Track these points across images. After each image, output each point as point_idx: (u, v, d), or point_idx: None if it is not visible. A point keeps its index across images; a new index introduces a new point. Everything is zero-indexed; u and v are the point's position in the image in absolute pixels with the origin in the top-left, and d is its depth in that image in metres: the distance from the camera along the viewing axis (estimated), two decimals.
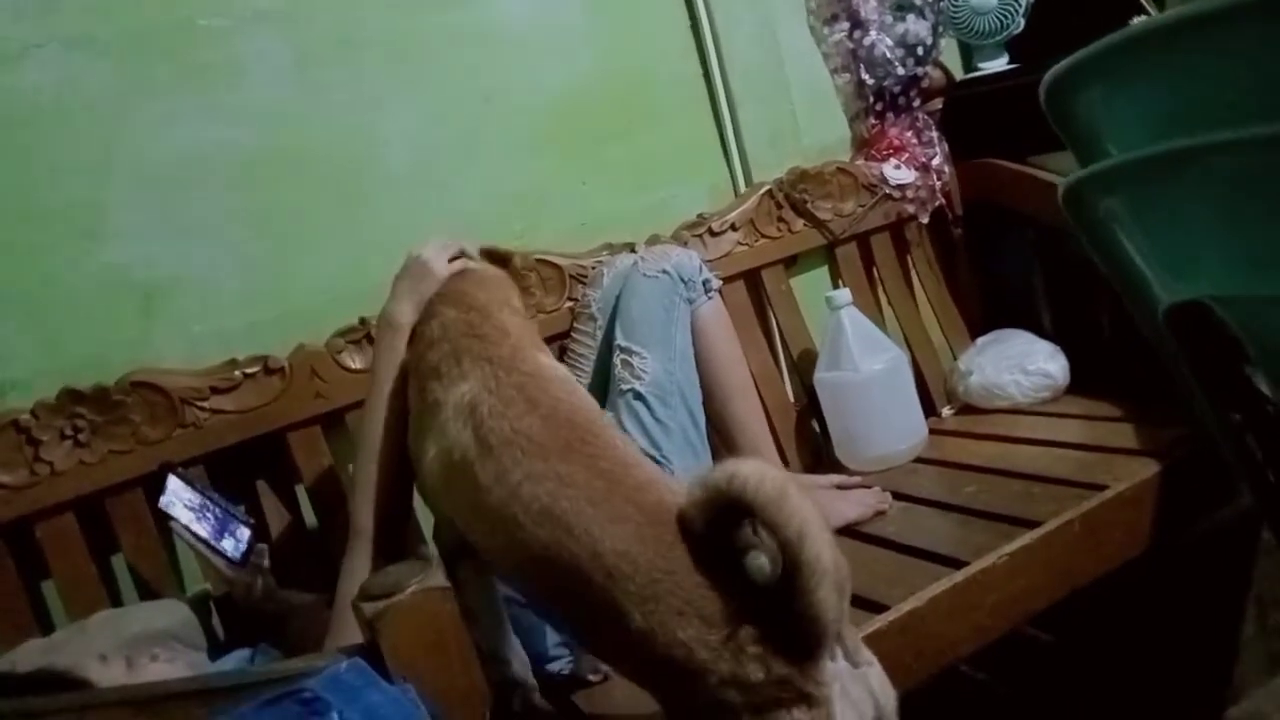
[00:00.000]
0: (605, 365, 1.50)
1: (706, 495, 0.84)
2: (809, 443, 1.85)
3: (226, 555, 1.25)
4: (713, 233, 1.82)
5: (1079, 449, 1.58)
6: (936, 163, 1.99)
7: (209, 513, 1.27)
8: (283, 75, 1.55)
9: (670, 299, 1.50)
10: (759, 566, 0.80)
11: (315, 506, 1.50)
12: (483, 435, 0.98)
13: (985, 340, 1.95)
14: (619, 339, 1.48)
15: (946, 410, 1.95)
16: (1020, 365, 1.84)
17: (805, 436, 1.86)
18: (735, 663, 0.82)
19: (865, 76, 1.98)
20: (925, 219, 2.00)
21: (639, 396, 1.42)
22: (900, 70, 1.95)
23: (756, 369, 1.74)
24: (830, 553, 0.79)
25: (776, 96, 1.96)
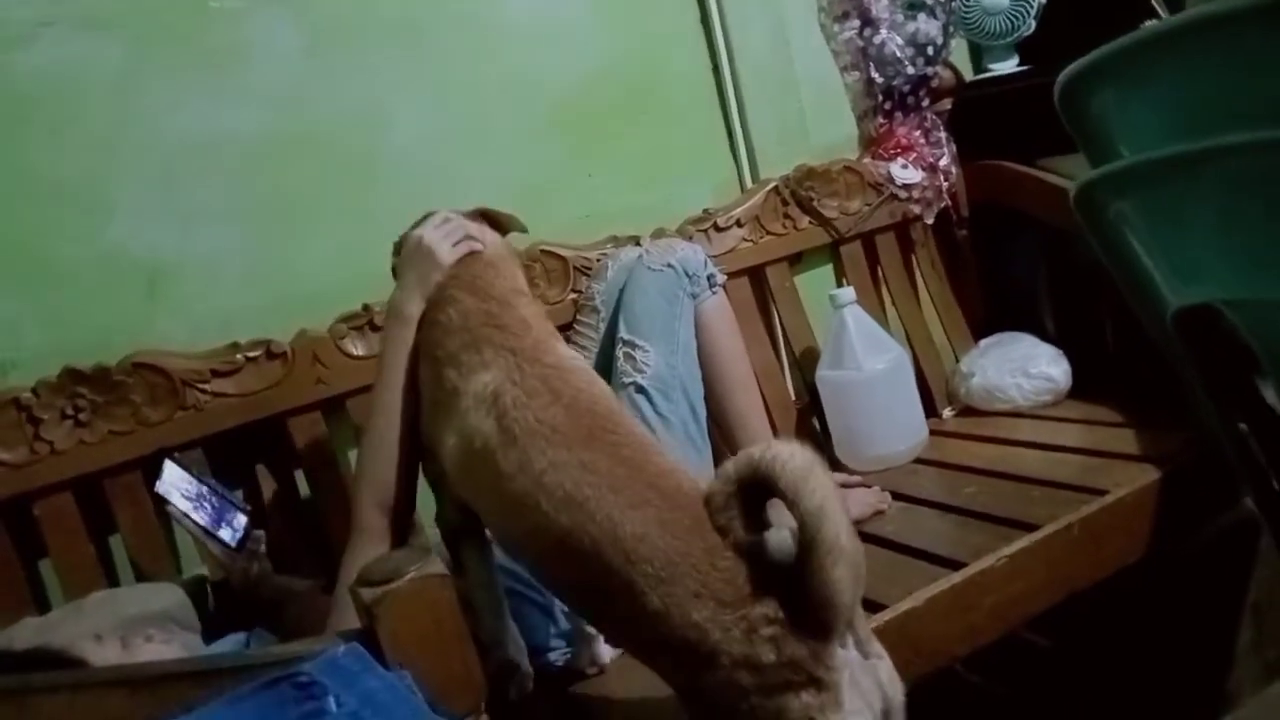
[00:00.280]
0: (607, 358, 1.50)
1: (737, 470, 0.85)
2: (809, 441, 1.83)
3: (224, 542, 1.25)
4: (718, 228, 1.82)
5: (1080, 453, 1.58)
6: (944, 163, 1.98)
7: (206, 501, 1.27)
8: (292, 59, 1.55)
9: (674, 293, 1.49)
10: (781, 539, 0.82)
11: (314, 492, 1.50)
12: (506, 425, 0.99)
13: (988, 342, 1.95)
14: (622, 332, 1.48)
15: (947, 411, 1.95)
16: (1023, 368, 1.84)
17: (805, 434, 1.86)
18: (748, 644, 0.83)
19: (875, 75, 1.98)
20: (931, 219, 2.00)
21: (641, 390, 1.42)
22: (910, 69, 1.95)
23: (758, 365, 1.73)
24: (849, 535, 0.80)
25: (785, 93, 1.96)
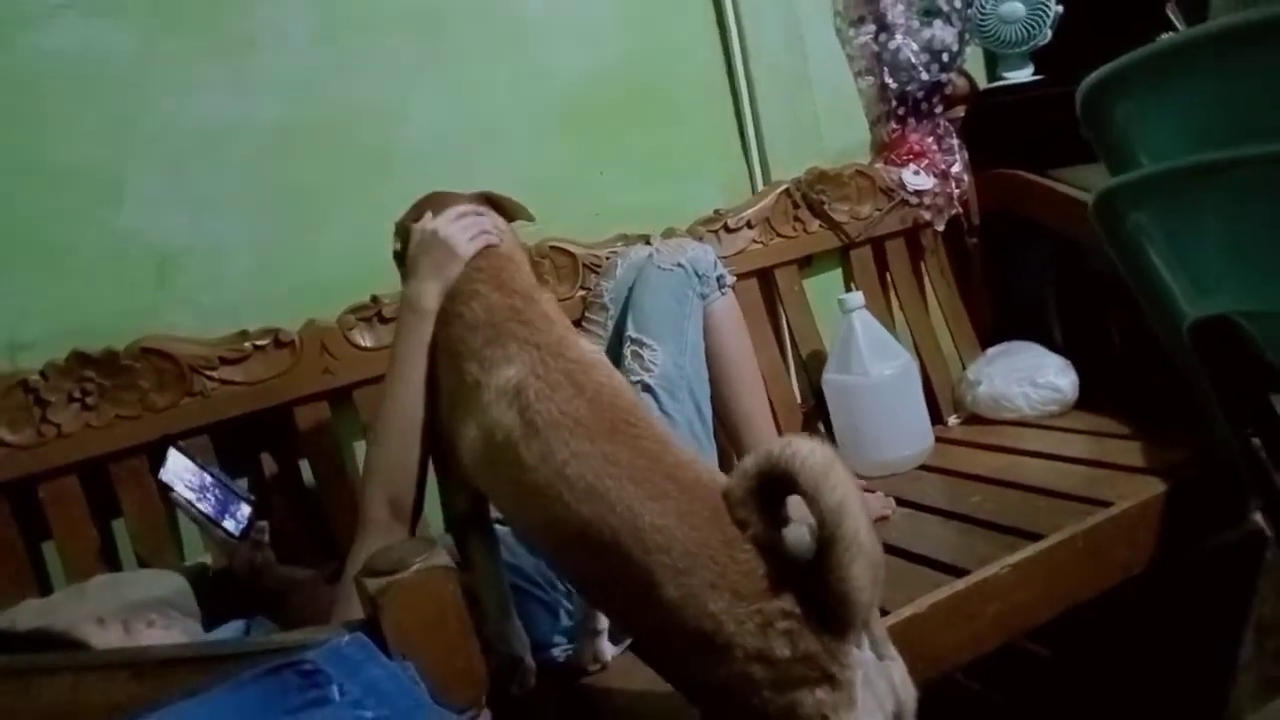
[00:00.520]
0: (615, 356, 1.49)
1: (758, 465, 0.86)
2: None
3: (228, 531, 1.26)
4: (728, 229, 1.82)
5: (1085, 464, 1.58)
6: (956, 170, 1.98)
7: (210, 491, 1.27)
8: (306, 48, 1.55)
9: (683, 293, 1.49)
10: (799, 537, 0.83)
11: (318, 481, 1.50)
12: (529, 417, 1.00)
13: (995, 351, 1.94)
14: (630, 330, 1.48)
15: (953, 419, 1.95)
16: (1030, 378, 1.83)
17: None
18: (762, 637, 0.83)
19: (889, 80, 1.97)
20: (941, 226, 2.00)
21: (647, 389, 1.42)
22: (924, 76, 1.95)
23: (765, 368, 1.73)
24: (868, 532, 0.80)
25: (799, 96, 1.96)
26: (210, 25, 1.49)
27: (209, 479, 1.28)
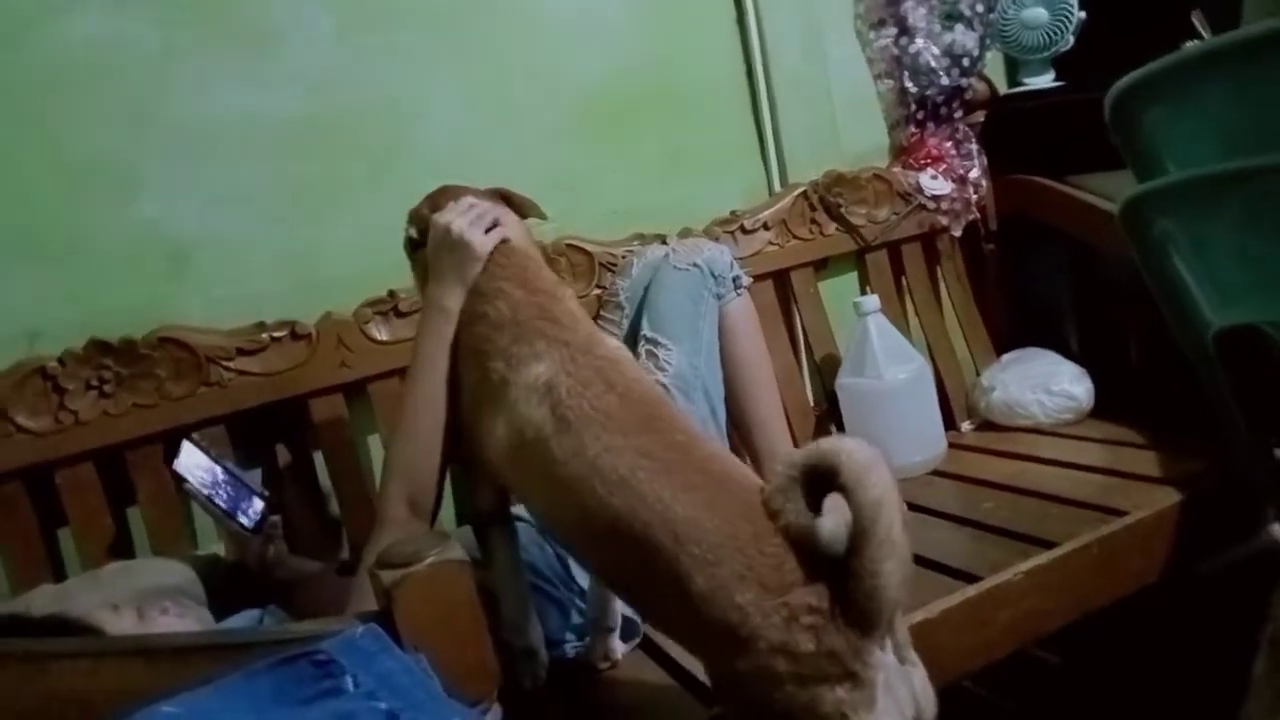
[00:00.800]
0: None
1: (805, 456, 0.87)
2: None
3: (241, 524, 1.26)
4: (745, 230, 1.82)
5: (1100, 473, 1.57)
6: (974, 175, 1.98)
7: (224, 487, 1.27)
8: (324, 43, 1.56)
9: (699, 293, 1.49)
10: (834, 527, 0.83)
11: (331, 474, 1.51)
12: (560, 413, 1.01)
13: (1010, 357, 1.94)
14: (645, 329, 1.48)
15: (966, 425, 1.94)
16: (1044, 385, 1.83)
17: None
18: (787, 631, 0.84)
19: (909, 84, 1.97)
20: (958, 231, 1.99)
21: (662, 388, 1.42)
22: (944, 80, 1.94)
23: (778, 370, 1.73)
24: (902, 532, 0.81)
25: (818, 98, 1.95)
26: (229, 20, 1.50)
27: (221, 473, 1.28)
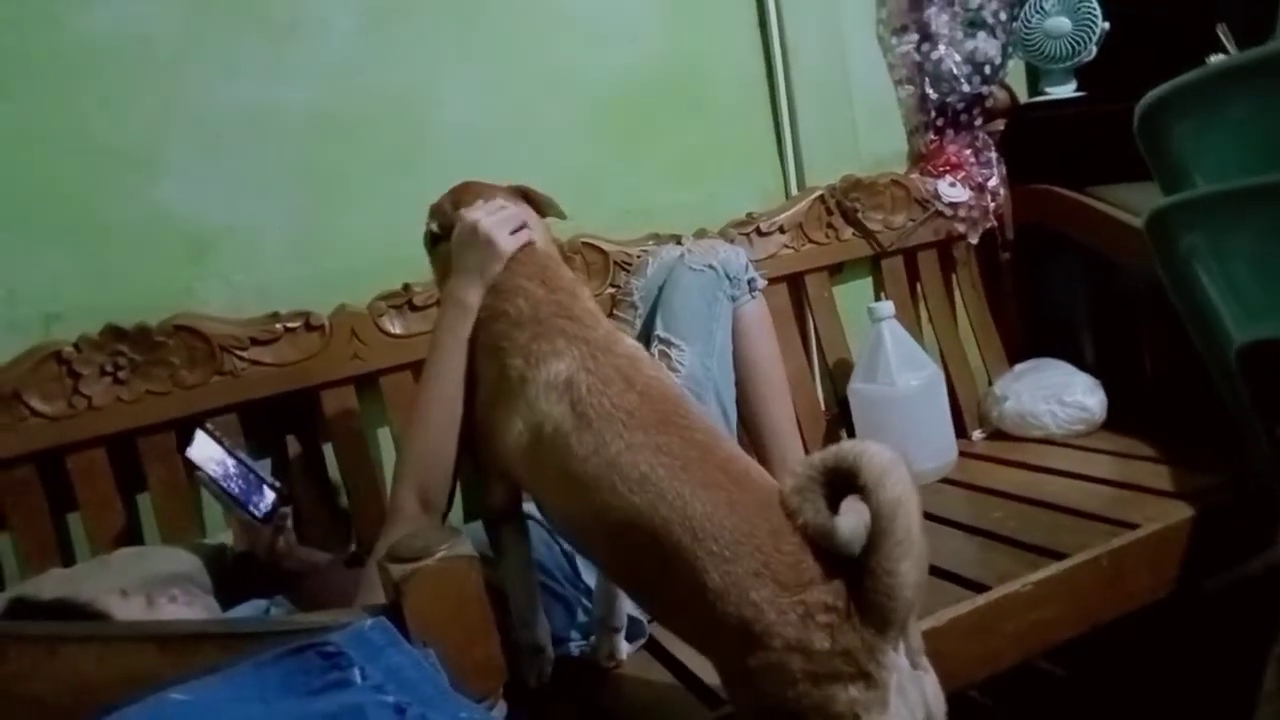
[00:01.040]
0: None
1: (826, 458, 0.87)
2: None
3: (252, 514, 1.26)
4: (760, 233, 1.82)
5: (1111, 485, 1.56)
6: (992, 184, 1.97)
7: (235, 479, 1.27)
8: (347, 35, 1.56)
9: (714, 294, 1.49)
10: (852, 525, 0.83)
11: (341, 466, 1.51)
12: (581, 410, 1.02)
13: (1023, 367, 1.93)
14: (659, 330, 1.47)
15: (978, 434, 1.94)
16: (1058, 396, 1.82)
17: None
18: (802, 628, 0.84)
19: (929, 90, 1.96)
20: (975, 239, 1.98)
21: None
22: (965, 87, 1.93)
23: (791, 374, 1.72)
24: (920, 533, 0.81)
25: (838, 102, 1.95)
26: (253, 9, 1.50)
27: (233, 464, 1.28)
